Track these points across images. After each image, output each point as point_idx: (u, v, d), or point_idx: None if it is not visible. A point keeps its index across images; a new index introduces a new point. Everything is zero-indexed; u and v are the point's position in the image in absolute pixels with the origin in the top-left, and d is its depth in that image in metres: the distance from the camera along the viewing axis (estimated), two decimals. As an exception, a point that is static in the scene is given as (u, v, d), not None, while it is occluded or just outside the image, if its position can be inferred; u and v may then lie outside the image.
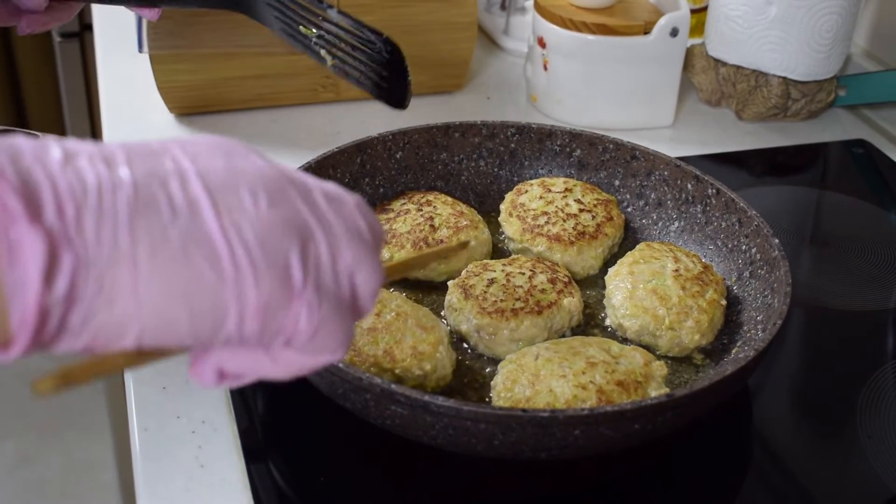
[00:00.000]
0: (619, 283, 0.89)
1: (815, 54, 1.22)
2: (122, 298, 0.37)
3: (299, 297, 0.43)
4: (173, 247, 0.38)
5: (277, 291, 0.42)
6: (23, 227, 0.35)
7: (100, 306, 0.37)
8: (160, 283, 0.38)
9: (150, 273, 0.38)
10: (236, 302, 0.40)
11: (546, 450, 0.69)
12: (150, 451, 0.75)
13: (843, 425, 0.83)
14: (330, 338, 0.45)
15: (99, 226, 0.37)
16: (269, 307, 0.42)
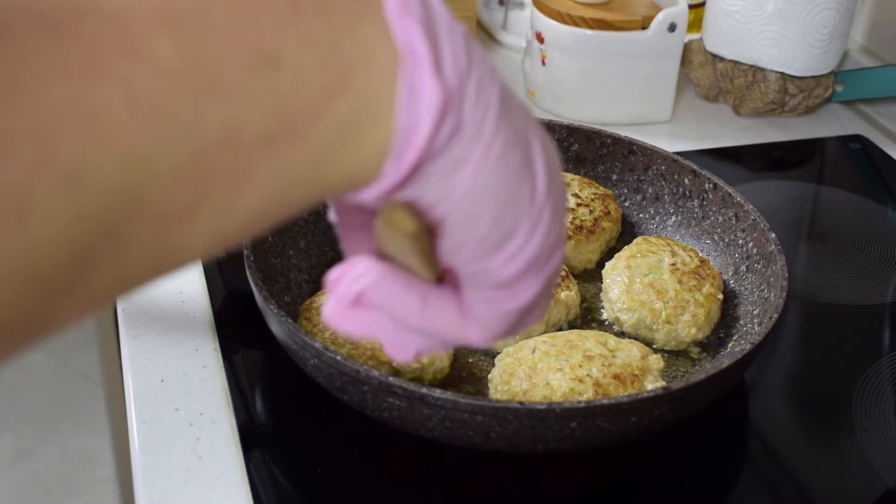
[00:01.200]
0: (617, 276, 0.89)
1: (812, 50, 1.23)
2: (460, 174, 0.38)
3: (545, 273, 0.43)
4: (516, 157, 0.39)
5: (543, 258, 0.42)
6: (426, 75, 0.36)
7: (445, 172, 0.38)
8: (494, 179, 0.39)
9: (493, 166, 0.38)
10: (524, 236, 0.41)
11: (543, 442, 0.69)
12: (147, 444, 0.75)
13: (838, 419, 0.83)
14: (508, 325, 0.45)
15: (477, 100, 0.38)
16: (532, 266, 0.42)
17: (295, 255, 0.90)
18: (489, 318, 0.44)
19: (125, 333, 0.85)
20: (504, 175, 0.39)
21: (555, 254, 0.43)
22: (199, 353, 0.84)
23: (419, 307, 0.44)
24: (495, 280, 0.42)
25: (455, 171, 0.38)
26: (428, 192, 0.38)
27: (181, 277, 0.92)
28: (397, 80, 0.35)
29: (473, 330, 0.45)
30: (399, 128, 0.36)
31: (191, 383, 0.81)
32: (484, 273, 0.42)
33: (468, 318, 0.45)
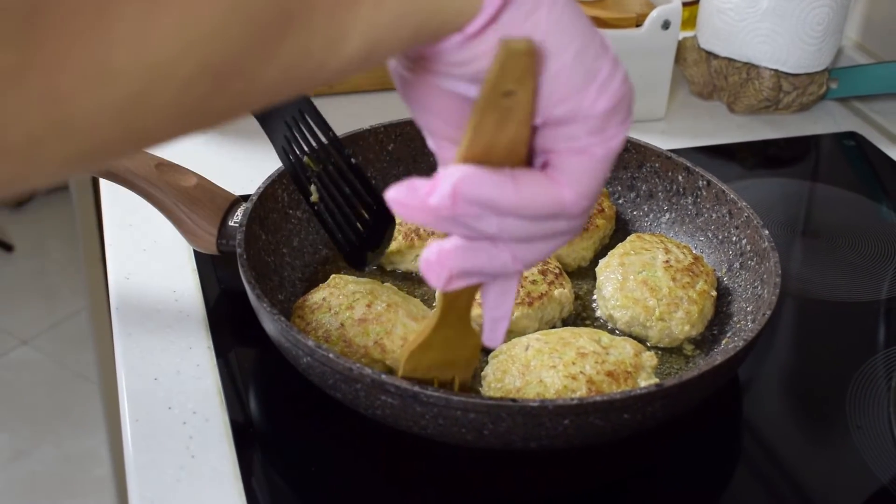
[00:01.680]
0: (610, 274, 0.89)
1: (806, 47, 1.23)
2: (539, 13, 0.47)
3: (625, 127, 0.51)
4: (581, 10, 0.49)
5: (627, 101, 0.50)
6: None
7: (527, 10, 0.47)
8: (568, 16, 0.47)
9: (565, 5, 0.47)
10: (608, 73, 0.48)
11: (536, 440, 0.69)
12: (141, 442, 0.75)
13: (832, 416, 0.83)
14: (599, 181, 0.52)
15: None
16: (620, 103, 0.49)
17: (288, 254, 0.90)
18: (580, 172, 0.50)
19: (118, 332, 0.85)
20: (576, 15, 0.47)
21: (630, 111, 0.51)
22: (193, 352, 0.84)
23: (512, 184, 0.49)
24: (589, 115, 0.49)
25: (535, 10, 0.46)
26: (518, 28, 0.46)
27: (174, 276, 0.92)
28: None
29: (566, 190, 0.50)
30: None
31: (184, 382, 0.81)
32: (578, 112, 0.49)
33: (558, 181, 0.50)
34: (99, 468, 2.26)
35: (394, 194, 0.50)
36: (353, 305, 0.81)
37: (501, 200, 0.49)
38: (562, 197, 0.50)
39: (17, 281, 2.85)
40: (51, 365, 2.56)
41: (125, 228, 0.99)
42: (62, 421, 2.39)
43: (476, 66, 0.48)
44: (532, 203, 0.50)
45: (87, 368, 2.51)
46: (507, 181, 0.49)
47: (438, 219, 0.49)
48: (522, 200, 0.50)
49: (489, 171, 0.49)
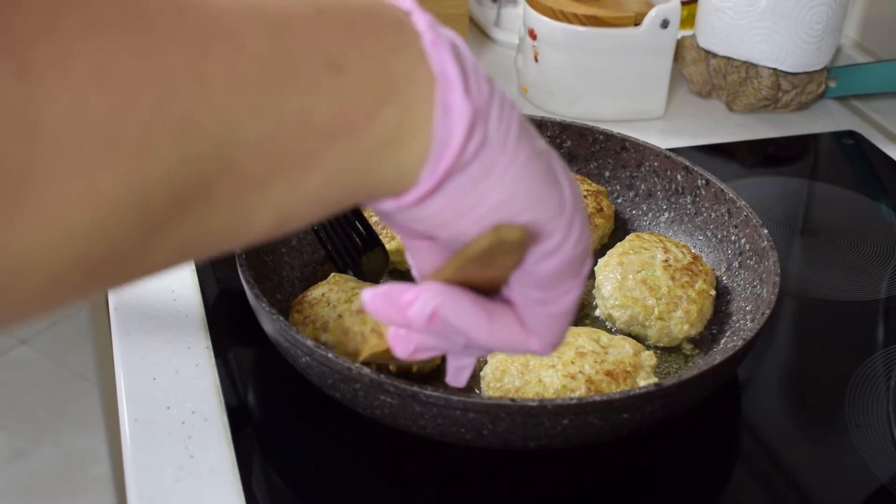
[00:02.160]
0: (609, 273, 0.89)
1: (805, 46, 1.23)
2: (487, 181, 0.44)
3: (582, 278, 0.49)
4: (541, 167, 0.45)
5: (579, 261, 0.48)
6: (458, 95, 0.42)
7: (476, 181, 0.44)
8: (522, 184, 0.44)
9: (520, 172, 0.44)
10: (560, 238, 0.46)
11: (535, 439, 0.69)
12: (139, 442, 0.75)
13: (831, 415, 0.83)
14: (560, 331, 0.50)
15: (499, 120, 0.43)
16: (569, 265, 0.47)
17: (287, 253, 0.90)
18: (541, 325, 0.49)
19: (117, 332, 0.85)
20: (531, 180, 0.44)
21: (585, 263, 0.48)
22: (192, 352, 0.84)
23: (487, 322, 0.49)
24: (535, 278, 0.47)
25: (484, 179, 0.43)
26: (461, 199, 0.44)
27: (173, 276, 0.92)
28: (434, 98, 0.41)
29: (534, 340, 0.50)
30: (435, 138, 0.42)
31: (183, 381, 0.81)
32: (529, 270, 0.47)
33: (528, 330, 0.50)
34: (98, 467, 2.26)
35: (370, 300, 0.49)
36: (352, 299, 0.81)
37: (474, 335, 0.49)
38: (529, 345, 0.50)
39: (15, 280, 2.84)
40: (49, 364, 2.56)
41: (124, 228, 0.98)
42: (61, 420, 2.39)
43: (422, 226, 0.46)
44: (502, 344, 0.50)
45: (85, 368, 2.51)
46: (483, 319, 0.49)
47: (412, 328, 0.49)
48: (493, 340, 0.50)
49: (470, 301, 0.48)
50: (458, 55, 0.43)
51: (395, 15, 0.42)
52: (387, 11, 0.42)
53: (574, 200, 0.47)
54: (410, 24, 0.42)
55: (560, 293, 0.48)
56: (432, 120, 0.42)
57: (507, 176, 0.44)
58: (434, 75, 0.42)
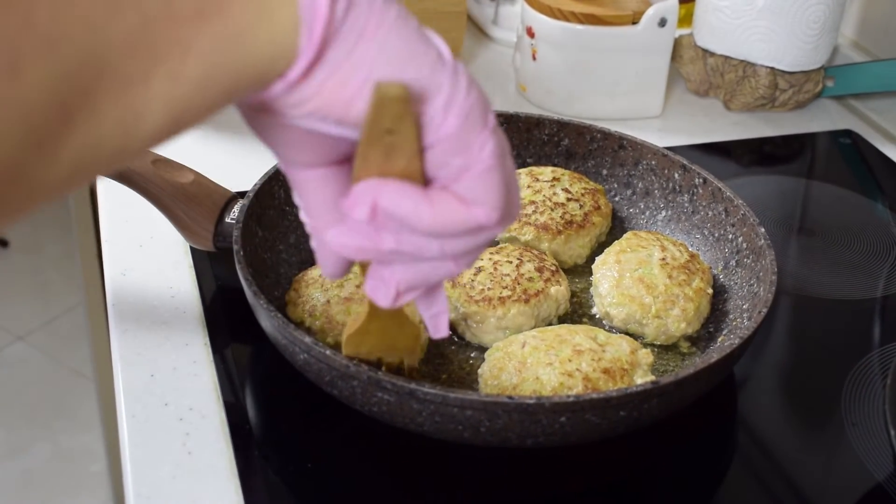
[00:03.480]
0: (606, 271, 0.89)
1: (802, 45, 1.23)
2: (362, 44, 0.45)
3: (491, 130, 0.49)
4: (412, 25, 0.46)
5: (478, 110, 0.48)
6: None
7: (352, 43, 0.45)
8: (395, 42, 0.45)
9: (390, 30, 0.45)
10: (449, 88, 0.47)
11: (532, 437, 0.69)
12: (137, 439, 0.75)
13: (828, 413, 0.83)
14: (497, 188, 0.49)
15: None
16: (469, 116, 0.48)
17: (285, 251, 0.90)
18: (475, 190, 0.49)
19: (115, 328, 0.85)
20: (404, 37, 0.45)
21: (487, 112, 0.49)
22: (189, 348, 0.84)
23: (427, 202, 0.49)
24: (443, 137, 0.47)
25: (358, 41, 0.44)
26: (340, 67, 0.45)
27: (171, 273, 0.92)
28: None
29: (478, 209, 0.50)
30: (301, 5, 0.43)
31: (180, 378, 0.81)
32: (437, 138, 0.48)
33: (465, 201, 0.49)
34: (95, 464, 2.26)
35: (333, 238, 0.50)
36: (343, 284, 0.82)
37: (417, 220, 0.49)
38: (475, 216, 0.50)
39: (12, 276, 2.84)
40: (46, 361, 2.55)
41: (121, 224, 0.99)
42: (58, 417, 2.39)
43: (313, 105, 0.46)
44: (448, 222, 0.49)
45: (82, 365, 2.51)
46: (422, 200, 0.49)
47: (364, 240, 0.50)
48: (437, 220, 0.49)
49: (404, 185, 0.48)
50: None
51: None
52: None
53: (450, 55, 0.48)
54: None
55: (476, 150, 0.48)
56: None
57: (378, 35, 0.45)
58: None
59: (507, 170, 0.51)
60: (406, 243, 0.51)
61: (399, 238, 0.50)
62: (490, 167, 0.49)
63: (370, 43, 0.45)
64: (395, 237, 0.50)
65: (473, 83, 0.48)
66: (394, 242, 0.50)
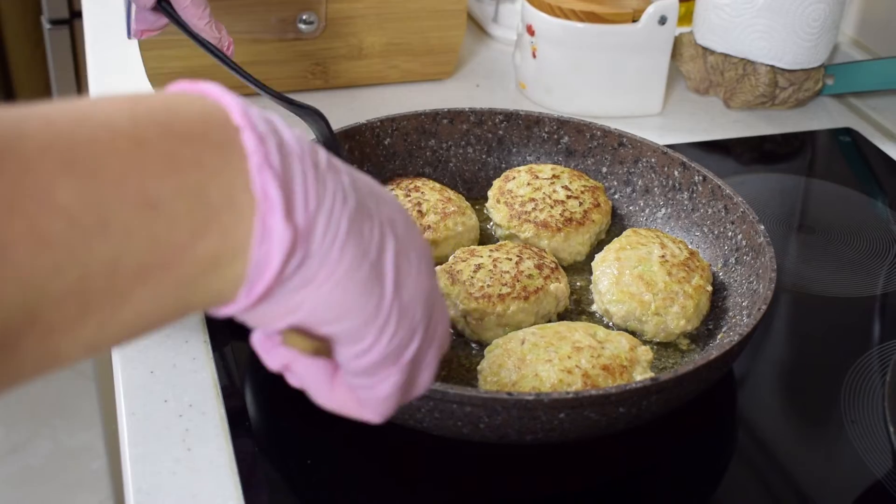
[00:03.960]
0: (606, 268, 0.89)
1: (802, 43, 1.23)
2: (305, 290, 0.44)
3: (402, 367, 0.50)
4: (361, 274, 0.45)
5: (396, 350, 0.49)
6: (278, 219, 0.41)
7: (294, 289, 0.44)
8: (336, 296, 0.45)
9: (335, 284, 0.45)
10: (371, 340, 0.47)
11: (531, 433, 0.69)
12: (137, 435, 0.75)
13: (827, 410, 0.83)
14: (388, 407, 0.52)
15: (325, 233, 0.44)
16: (382, 361, 0.48)
17: (285, 247, 0.90)
18: (370, 403, 0.51)
19: (115, 325, 0.85)
20: (347, 291, 0.45)
21: (409, 347, 0.49)
22: (189, 345, 0.84)
23: (327, 390, 0.51)
24: (352, 371, 0.49)
25: (302, 288, 0.44)
26: (280, 305, 0.45)
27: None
28: (254, 223, 0.41)
29: (366, 412, 0.52)
30: (253, 262, 0.42)
31: (180, 375, 0.81)
32: (344, 365, 0.49)
33: (360, 403, 0.52)
34: (95, 462, 2.26)
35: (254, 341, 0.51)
36: None
37: (316, 394, 0.52)
38: (362, 415, 0.53)
39: (12, 275, 2.84)
40: (47, 359, 2.55)
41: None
42: (58, 415, 2.39)
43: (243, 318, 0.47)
44: (339, 408, 0.52)
45: (82, 363, 2.51)
46: (325, 384, 0.51)
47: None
48: (332, 402, 0.52)
49: (316, 366, 0.50)
50: (287, 170, 0.42)
51: (222, 135, 0.41)
52: (214, 133, 0.41)
53: (394, 295, 0.47)
54: (239, 143, 0.41)
55: (378, 380, 0.50)
56: (250, 246, 0.42)
57: (322, 288, 0.44)
58: (255, 199, 0.41)
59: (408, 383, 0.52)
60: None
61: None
62: (385, 397, 0.51)
63: (312, 292, 0.44)
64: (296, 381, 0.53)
65: (400, 326, 0.48)
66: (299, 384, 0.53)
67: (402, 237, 0.48)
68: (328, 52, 1.23)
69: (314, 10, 1.18)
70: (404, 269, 0.48)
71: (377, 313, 0.47)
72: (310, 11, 1.18)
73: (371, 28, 1.22)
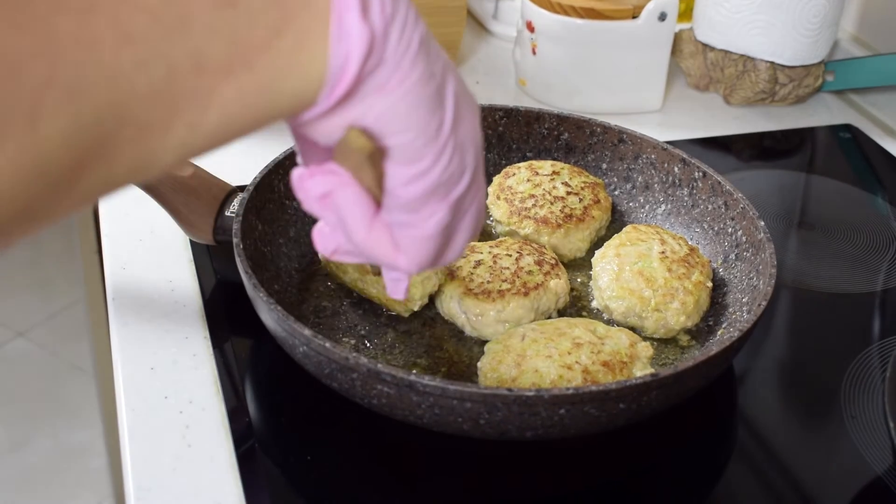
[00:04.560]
0: (606, 265, 0.89)
1: (802, 39, 1.23)
2: (377, 96, 0.45)
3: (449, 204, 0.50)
4: (429, 90, 0.47)
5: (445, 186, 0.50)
6: (354, 19, 0.43)
7: (367, 93, 0.45)
8: (403, 106, 0.46)
9: (406, 93, 0.46)
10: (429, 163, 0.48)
11: (531, 429, 0.69)
12: (137, 432, 0.75)
13: (827, 407, 0.83)
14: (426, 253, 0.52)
15: (399, 40, 0.45)
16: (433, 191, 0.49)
17: (285, 244, 0.90)
18: (408, 245, 0.52)
19: (115, 321, 0.85)
20: (414, 104, 0.46)
21: (458, 185, 0.50)
22: (189, 342, 0.84)
23: (366, 226, 0.51)
24: (401, 200, 0.49)
25: (374, 93, 0.45)
26: (354, 109, 0.46)
27: (171, 267, 0.92)
28: (329, 23, 0.42)
29: (401, 258, 0.52)
30: (332, 63, 0.43)
31: (180, 371, 0.81)
32: (394, 191, 0.49)
33: (397, 247, 0.52)
34: (95, 460, 2.26)
35: (294, 179, 0.52)
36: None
37: (353, 229, 0.52)
38: (396, 261, 0.53)
39: (11, 272, 2.84)
40: (46, 357, 2.55)
41: (121, 218, 0.99)
42: (57, 413, 2.39)
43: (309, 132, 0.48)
44: (373, 250, 0.53)
45: (82, 360, 2.51)
46: (366, 218, 0.51)
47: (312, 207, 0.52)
48: (367, 242, 0.52)
49: (361, 196, 0.50)
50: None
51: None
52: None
53: (454, 123, 0.48)
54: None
55: (424, 217, 0.50)
56: (328, 46, 0.42)
57: (394, 94, 0.45)
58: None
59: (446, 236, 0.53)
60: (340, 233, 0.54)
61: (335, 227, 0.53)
62: (428, 236, 0.51)
63: (382, 97, 0.45)
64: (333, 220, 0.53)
65: (456, 160, 0.49)
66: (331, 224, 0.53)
67: (460, 80, 0.50)
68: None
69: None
70: (463, 106, 0.49)
71: (437, 136, 0.48)
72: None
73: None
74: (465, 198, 0.51)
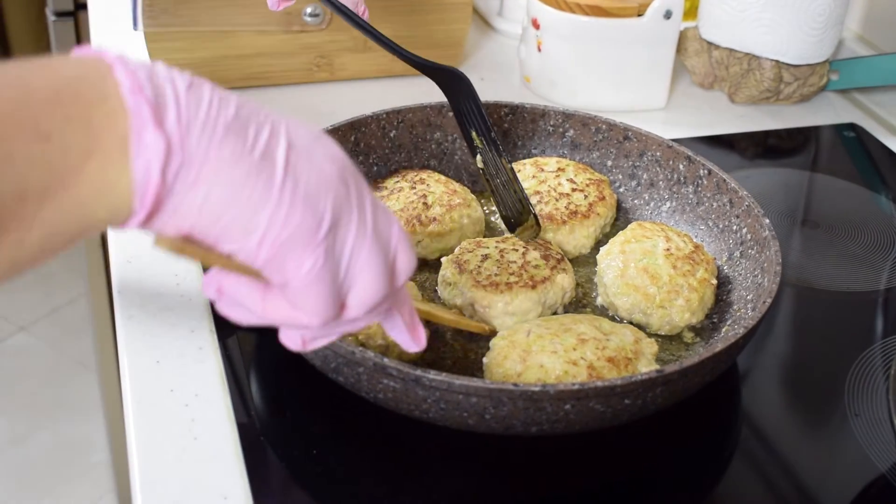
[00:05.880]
0: (611, 261, 0.89)
1: (807, 38, 1.23)
2: (195, 192, 0.48)
3: (313, 250, 0.51)
4: (244, 163, 0.49)
5: (299, 234, 0.51)
6: (150, 131, 0.46)
7: (184, 192, 0.48)
8: (222, 186, 0.48)
9: (217, 176, 0.48)
10: (265, 225, 0.50)
11: (536, 424, 0.70)
12: (143, 425, 0.76)
13: (831, 404, 0.83)
14: (317, 300, 0.54)
15: (201, 135, 0.48)
16: (286, 244, 0.50)
17: (290, 239, 0.90)
18: (297, 300, 0.54)
19: (120, 314, 0.86)
20: (228, 182, 0.48)
21: (318, 231, 0.51)
22: (195, 335, 0.84)
23: (259, 299, 0.55)
24: (261, 264, 0.51)
25: (190, 190, 0.48)
26: (176, 214, 0.49)
27: (176, 260, 0.92)
28: (130, 139, 0.46)
29: (300, 314, 0.55)
30: (135, 176, 0.47)
31: (186, 365, 0.81)
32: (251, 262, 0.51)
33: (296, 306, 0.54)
34: (96, 455, 2.26)
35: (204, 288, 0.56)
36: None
37: (251, 308, 0.55)
38: (299, 319, 0.55)
39: (15, 267, 2.84)
40: (48, 351, 2.56)
41: (127, 212, 0.99)
42: (59, 407, 2.39)
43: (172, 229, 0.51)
44: (274, 317, 0.55)
45: (84, 355, 2.51)
46: (257, 295, 0.55)
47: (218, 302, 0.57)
48: (266, 313, 0.55)
49: (244, 281, 0.54)
50: (157, 88, 0.47)
51: (97, 73, 0.47)
52: (91, 73, 0.47)
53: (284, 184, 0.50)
54: (112, 76, 0.47)
55: (292, 269, 0.52)
56: (129, 161, 0.46)
57: (207, 185, 0.48)
58: (130, 118, 0.46)
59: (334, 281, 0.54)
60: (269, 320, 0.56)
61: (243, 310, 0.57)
62: (308, 283, 0.53)
63: (200, 192, 0.48)
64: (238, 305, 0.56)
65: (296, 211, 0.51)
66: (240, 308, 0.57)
67: (302, 143, 0.52)
68: (333, 45, 1.23)
69: (319, 3, 1.18)
70: (302, 165, 0.51)
71: (266, 198, 0.49)
72: (315, 4, 1.18)
73: (376, 21, 1.22)
74: (336, 238, 0.52)
